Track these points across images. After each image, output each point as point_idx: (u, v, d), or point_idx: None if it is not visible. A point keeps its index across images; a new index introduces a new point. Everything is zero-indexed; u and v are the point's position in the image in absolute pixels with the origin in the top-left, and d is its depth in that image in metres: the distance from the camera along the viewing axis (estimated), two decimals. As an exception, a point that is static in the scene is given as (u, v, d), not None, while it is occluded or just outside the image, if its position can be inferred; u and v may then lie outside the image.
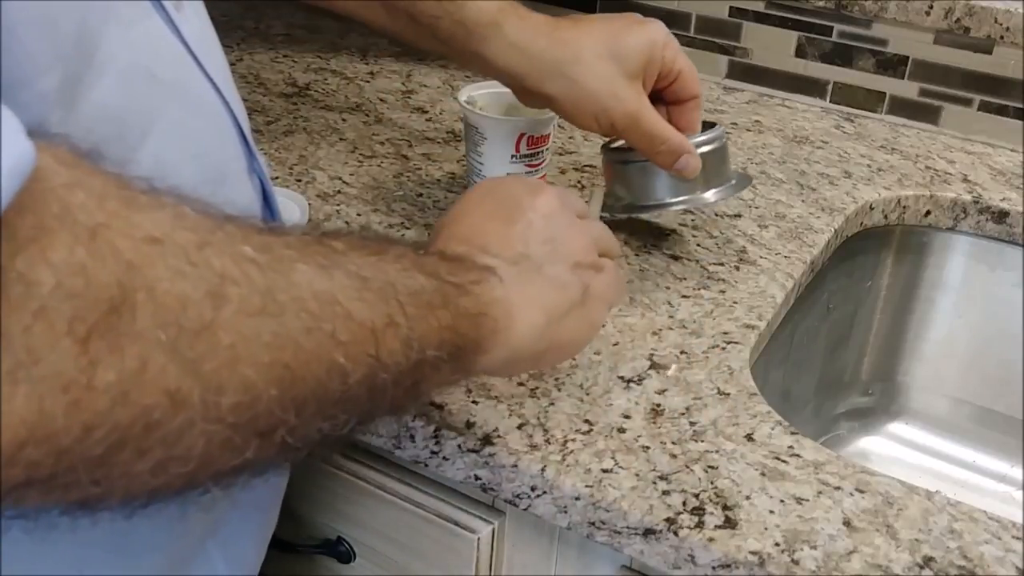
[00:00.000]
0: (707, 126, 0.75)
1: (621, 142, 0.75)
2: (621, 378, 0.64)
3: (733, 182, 0.74)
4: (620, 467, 0.57)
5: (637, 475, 0.56)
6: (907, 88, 1.04)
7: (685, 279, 0.75)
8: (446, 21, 0.66)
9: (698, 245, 0.80)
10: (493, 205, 0.53)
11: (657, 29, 0.68)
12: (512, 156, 0.79)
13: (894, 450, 0.98)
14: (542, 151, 0.80)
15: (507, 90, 0.77)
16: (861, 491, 0.56)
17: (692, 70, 0.70)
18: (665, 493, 0.55)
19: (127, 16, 0.41)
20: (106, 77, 0.39)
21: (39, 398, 0.28)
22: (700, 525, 0.53)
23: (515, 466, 0.57)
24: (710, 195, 0.73)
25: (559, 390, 0.62)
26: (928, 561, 0.52)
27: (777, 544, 0.52)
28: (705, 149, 0.71)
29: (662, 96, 0.71)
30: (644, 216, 0.82)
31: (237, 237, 0.35)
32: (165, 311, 0.31)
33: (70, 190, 0.30)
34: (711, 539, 0.53)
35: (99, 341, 0.29)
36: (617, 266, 0.56)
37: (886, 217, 0.92)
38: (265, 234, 0.37)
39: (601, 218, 0.67)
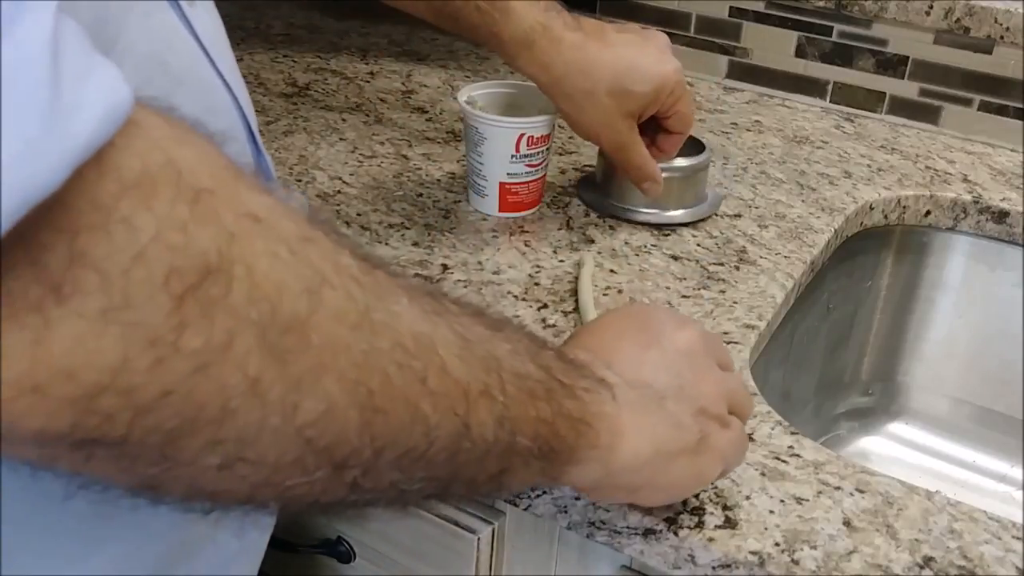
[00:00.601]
0: (698, 147, 0.84)
1: None
2: (621, 378, 0.64)
3: (705, 203, 0.85)
4: (620, 467, 0.57)
5: (637, 475, 0.56)
6: (907, 88, 1.04)
7: (685, 279, 0.75)
8: (483, 31, 0.72)
9: (698, 245, 0.80)
10: (633, 327, 0.51)
11: (672, 74, 0.74)
12: (512, 156, 0.79)
13: (894, 450, 0.98)
14: (542, 151, 0.80)
15: (507, 90, 0.81)
16: (861, 491, 0.56)
17: (689, 114, 0.77)
18: (665, 493, 0.55)
19: (145, 7, 0.42)
20: (125, 65, 0.39)
21: (126, 345, 0.27)
22: (700, 525, 0.53)
23: (515, 466, 0.57)
24: (679, 213, 0.83)
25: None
26: (928, 561, 0.52)
27: (777, 544, 0.52)
28: (675, 175, 0.81)
29: (656, 121, 0.77)
30: (622, 219, 0.83)
31: (341, 248, 0.34)
32: (261, 292, 0.30)
33: (177, 146, 0.30)
34: (711, 539, 0.53)
35: (192, 303, 0.28)
36: (743, 429, 0.53)
37: (886, 217, 0.92)
38: (370, 260, 0.35)
39: (586, 211, 0.69)
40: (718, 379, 0.51)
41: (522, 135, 0.78)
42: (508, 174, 0.80)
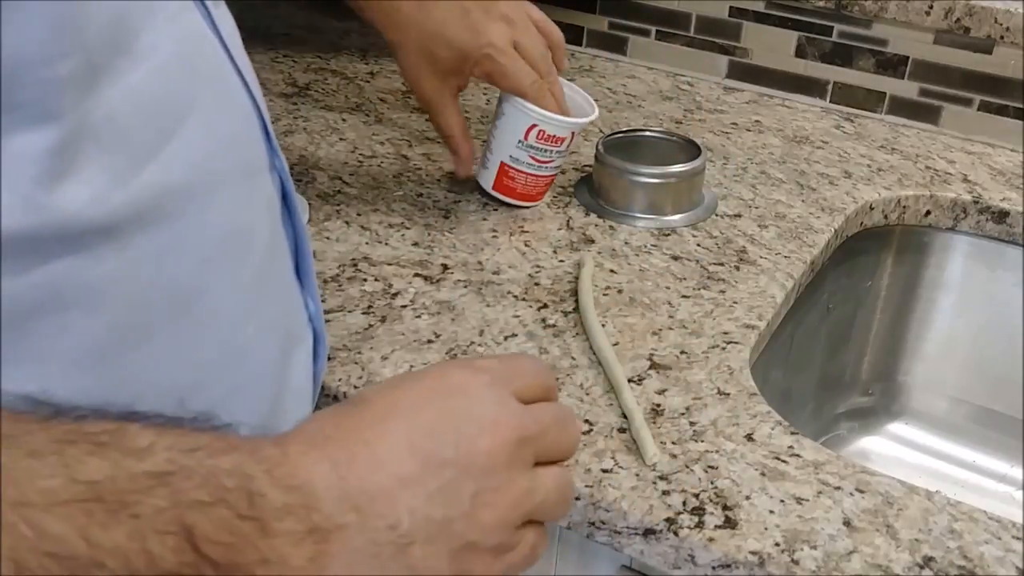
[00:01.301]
0: (693, 150, 0.85)
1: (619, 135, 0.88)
2: (621, 378, 0.64)
3: (702, 207, 0.85)
4: (620, 467, 0.57)
5: (637, 475, 0.56)
6: (907, 88, 1.04)
7: (685, 279, 0.75)
8: None
9: (698, 245, 0.80)
10: (427, 421, 0.39)
11: (478, 45, 0.76)
12: (519, 142, 0.78)
13: (894, 450, 0.98)
14: (552, 151, 0.79)
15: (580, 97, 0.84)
16: (861, 491, 0.56)
17: (512, 83, 0.77)
18: (665, 493, 0.55)
19: (172, 10, 0.43)
20: (143, 65, 0.40)
21: None
22: (700, 525, 0.53)
23: (515, 466, 0.57)
24: (676, 218, 0.83)
25: (559, 390, 0.62)
26: (928, 561, 0.52)
27: (777, 544, 0.52)
28: (671, 180, 0.83)
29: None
30: (623, 224, 0.83)
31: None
32: None
33: None
34: (711, 539, 0.53)
35: None
36: (540, 534, 0.42)
37: (886, 217, 0.92)
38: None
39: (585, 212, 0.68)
40: (513, 498, 0.40)
41: (533, 125, 0.77)
42: (511, 157, 0.79)
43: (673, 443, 0.59)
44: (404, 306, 0.70)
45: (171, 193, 0.43)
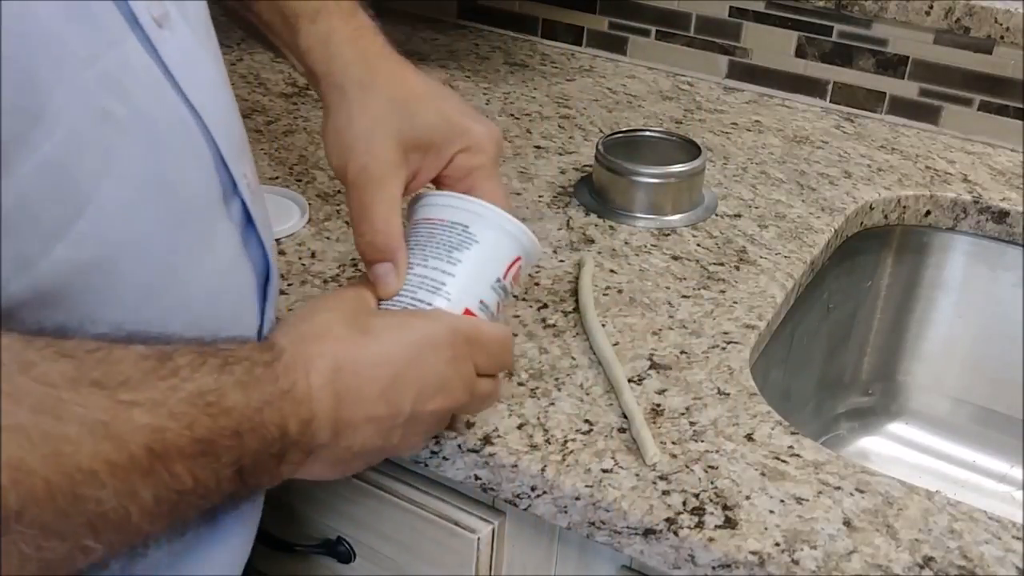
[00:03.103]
0: (693, 150, 0.85)
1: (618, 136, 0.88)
2: (621, 378, 0.64)
3: (701, 207, 0.84)
4: (620, 467, 0.57)
5: (637, 475, 0.56)
6: (907, 88, 1.04)
7: (685, 279, 0.75)
8: (267, 11, 0.60)
9: (698, 245, 0.80)
10: (387, 382, 0.48)
11: (479, 131, 0.57)
12: (497, 280, 0.55)
13: (894, 450, 0.98)
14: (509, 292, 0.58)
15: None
16: (861, 491, 0.56)
17: (496, 177, 0.59)
18: (665, 493, 0.55)
19: (86, 52, 0.38)
20: (57, 131, 0.37)
21: None
22: (700, 525, 0.53)
23: (515, 466, 0.57)
24: (676, 218, 0.82)
25: (559, 390, 0.62)
26: (928, 561, 0.52)
27: (777, 544, 0.52)
28: (671, 180, 0.82)
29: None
30: (623, 224, 0.83)
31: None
32: None
33: None
34: (711, 539, 0.53)
35: None
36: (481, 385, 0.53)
37: (886, 217, 0.92)
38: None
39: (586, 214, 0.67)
40: (431, 435, 0.55)
41: (519, 258, 0.56)
42: (482, 303, 0.55)
43: (673, 443, 0.59)
44: (404, 306, 0.70)
45: (81, 270, 0.40)
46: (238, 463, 0.41)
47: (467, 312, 0.54)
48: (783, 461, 0.58)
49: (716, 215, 0.84)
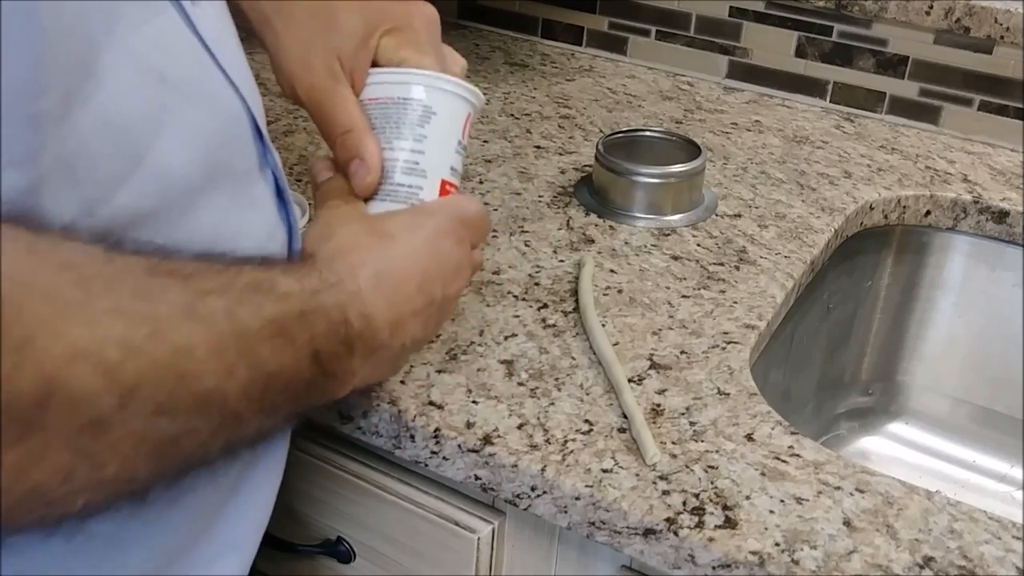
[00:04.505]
0: (693, 150, 0.85)
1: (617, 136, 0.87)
2: (621, 378, 0.64)
3: (702, 207, 0.84)
4: (620, 467, 0.57)
5: (637, 475, 0.56)
6: (907, 88, 1.04)
7: (685, 279, 0.75)
8: None
9: (698, 245, 0.80)
10: (417, 278, 0.52)
11: (397, 15, 0.58)
12: (458, 143, 0.58)
13: (894, 450, 0.98)
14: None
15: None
16: (861, 491, 0.56)
17: (430, 49, 0.59)
18: (665, 493, 0.55)
19: (135, 16, 0.41)
20: (107, 86, 0.39)
21: None
22: (700, 525, 0.53)
23: (515, 466, 0.57)
24: (676, 218, 0.82)
25: (559, 390, 0.62)
26: (928, 561, 0.52)
27: (777, 544, 0.52)
28: (671, 180, 0.82)
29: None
30: (623, 224, 0.83)
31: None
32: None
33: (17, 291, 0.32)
34: (711, 539, 0.53)
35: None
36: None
37: (886, 217, 0.92)
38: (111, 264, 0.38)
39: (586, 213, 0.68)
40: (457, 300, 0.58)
41: (470, 114, 0.59)
42: (452, 169, 0.58)
43: (673, 443, 0.59)
44: (404, 306, 0.70)
45: (142, 217, 0.42)
46: (312, 345, 0.44)
47: (444, 182, 0.57)
48: (783, 461, 0.58)
49: (716, 215, 0.84)
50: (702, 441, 0.59)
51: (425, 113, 0.56)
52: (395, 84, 0.57)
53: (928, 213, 0.92)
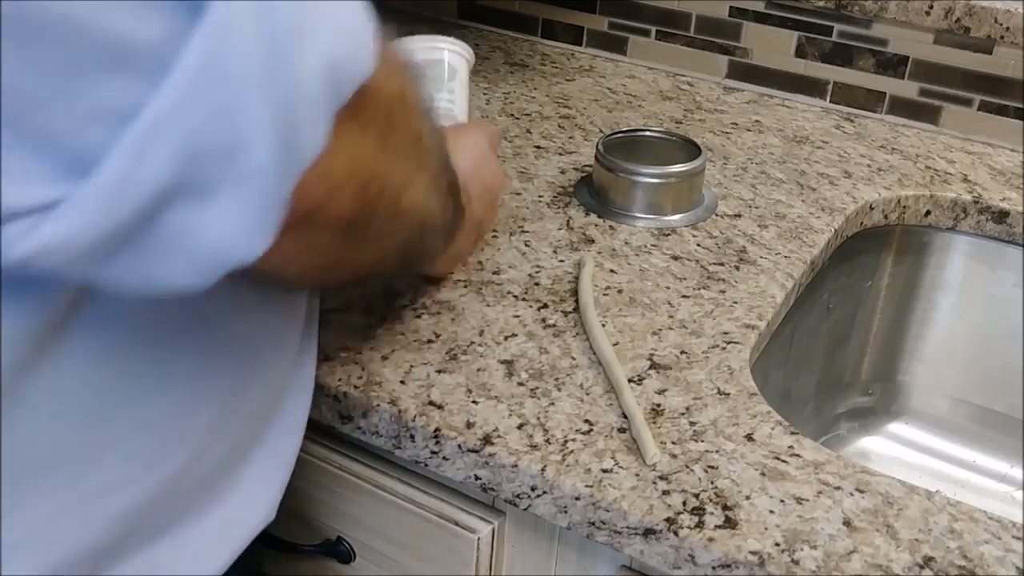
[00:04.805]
0: (693, 151, 0.85)
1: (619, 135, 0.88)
2: (621, 378, 0.64)
3: (702, 207, 0.85)
4: (620, 467, 0.57)
5: (637, 475, 0.56)
6: (907, 88, 1.04)
7: (685, 279, 0.75)
8: None
9: (698, 245, 0.80)
10: (478, 165, 0.66)
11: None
12: (469, 92, 0.78)
13: (894, 450, 0.98)
14: None
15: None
16: (861, 491, 0.56)
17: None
18: (665, 493, 0.55)
19: None
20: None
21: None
22: (700, 525, 0.53)
23: (515, 466, 0.57)
24: (676, 218, 0.83)
25: (559, 390, 0.62)
26: (928, 561, 0.52)
27: (777, 544, 0.52)
28: (671, 180, 0.83)
29: None
30: (621, 223, 0.83)
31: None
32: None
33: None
34: (711, 539, 0.53)
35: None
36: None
37: (886, 217, 0.92)
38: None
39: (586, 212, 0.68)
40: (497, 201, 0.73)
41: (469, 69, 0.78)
42: (469, 112, 0.79)
43: (673, 443, 0.59)
44: (404, 306, 0.70)
45: None
46: (444, 161, 0.50)
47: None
48: (783, 461, 0.58)
49: (716, 215, 0.84)
50: (702, 441, 0.59)
51: (450, 71, 0.74)
52: (428, 49, 0.74)
53: (928, 213, 0.92)
